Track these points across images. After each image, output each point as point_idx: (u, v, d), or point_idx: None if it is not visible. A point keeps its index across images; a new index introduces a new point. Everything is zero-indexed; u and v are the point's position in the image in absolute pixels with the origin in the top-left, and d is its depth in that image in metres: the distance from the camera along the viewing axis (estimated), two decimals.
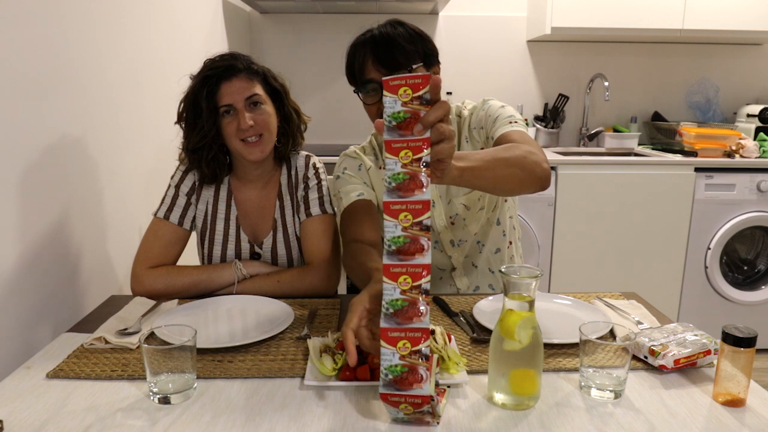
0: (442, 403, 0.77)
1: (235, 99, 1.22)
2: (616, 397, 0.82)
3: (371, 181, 1.34)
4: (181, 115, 1.27)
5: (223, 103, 1.22)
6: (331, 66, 3.18)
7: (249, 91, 1.23)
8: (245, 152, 1.25)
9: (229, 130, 1.24)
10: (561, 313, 1.10)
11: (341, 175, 1.33)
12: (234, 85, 1.22)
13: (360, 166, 1.35)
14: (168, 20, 1.95)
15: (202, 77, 1.23)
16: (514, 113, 1.27)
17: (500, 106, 1.28)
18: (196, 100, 1.23)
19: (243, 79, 1.23)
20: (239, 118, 1.22)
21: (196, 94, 1.23)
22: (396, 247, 0.72)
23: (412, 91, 0.72)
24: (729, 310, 2.74)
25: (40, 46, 1.19)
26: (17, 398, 0.82)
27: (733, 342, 0.78)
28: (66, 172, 1.30)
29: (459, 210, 1.35)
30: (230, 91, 1.22)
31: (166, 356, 0.81)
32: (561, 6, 2.74)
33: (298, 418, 0.77)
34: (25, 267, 1.14)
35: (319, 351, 0.89)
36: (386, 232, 0.73)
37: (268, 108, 1.27)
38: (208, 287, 1.24)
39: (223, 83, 1.22)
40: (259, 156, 1.26)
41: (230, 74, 1.23)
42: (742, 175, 2.62)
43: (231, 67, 1.23)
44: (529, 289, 0.77)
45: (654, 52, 3.16)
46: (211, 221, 1.33)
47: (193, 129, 1.25)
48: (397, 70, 1.15)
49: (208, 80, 1.22)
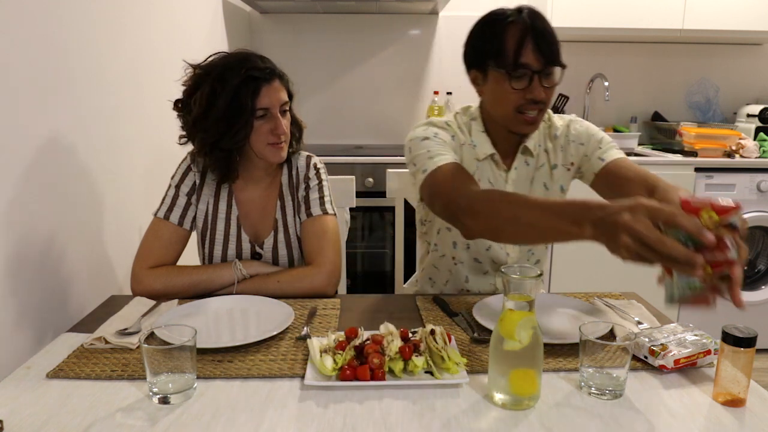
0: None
1: (273, 103, 1.23)
2: (616, 397, 0.82)
3: (462, 157, 1.28)
4: (207, 111, 1.20)
5: (262, 105, 1.22)
6: (331, 66, 3.19)
7: (284, 97, 1.26)
8: (271, 154, 1.26)
9: (260, 133, 1.24)
10: (561, 313, 1.10)
11: (432, 137, 1.24)
12: (273, 89, 1.23)
13: (454, 136, 1.29)
14: (168, 20, 1.95)
15: (246, 76, 1.20)
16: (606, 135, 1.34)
17: (592, 127, 1.35)
18: (239, 99, 1.19)
19: (279, 83, 1.25)
20: (276, 123, 1.23)
21: (239, 92, 1.19)
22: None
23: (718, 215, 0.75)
24: (729, 310, 2.73)
25: (39, 46, 1.19)
26: (17, 398, 0.82)
27: (733, 342, 0.78)
28: (65, 172, 1.30)
29: None
30: (269, 95, 1.22)
31: (166, 356, 0.81)
32: (561, 6, 2.74)
33: (298, 418, 0.77)
34: (25, 267, 1.14)
35: (319, 351, 0.89)
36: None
37: (290, 114, 1.30)
38: (208, 287, 1.24)
39: (264, 86, 1.22)
40: (280, 159, 1.28)
41: (271, 78, 1.23)
42: (742, 175, 2.62)
43: (272, 71, 1.24)
44: (529, 289, 0.77)
45: (654, 52, 3.16)
46: (212, 221, 1.33)
47: (231, 128, 1.21)
48: (553, 63, 1.16)
49: (253, 81, 1.20)
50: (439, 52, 3.16)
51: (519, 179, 1.32)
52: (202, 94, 1.21)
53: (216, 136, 1.22)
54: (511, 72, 1.16)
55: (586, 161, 1.33)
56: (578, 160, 1.34)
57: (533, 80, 1.16)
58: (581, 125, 1.35)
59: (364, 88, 3.21)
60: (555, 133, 1.34)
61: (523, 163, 1.32)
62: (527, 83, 1.16)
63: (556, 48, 1.17)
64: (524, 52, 1.14)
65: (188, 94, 1.24)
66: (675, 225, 0.74)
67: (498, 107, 1.23)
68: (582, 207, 0.86)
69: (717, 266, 0.74)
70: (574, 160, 1.34)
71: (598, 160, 1.30)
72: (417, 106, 3.23)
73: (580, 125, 1.35)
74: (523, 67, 1.15)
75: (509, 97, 1.18)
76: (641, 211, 0.77)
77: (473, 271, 1.39)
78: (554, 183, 1.35)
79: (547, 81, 1.18)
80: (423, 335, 0.92)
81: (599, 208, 0.83)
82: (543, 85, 1.17)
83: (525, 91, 1.16)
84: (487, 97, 1.26)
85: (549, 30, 1.17)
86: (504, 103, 1.19)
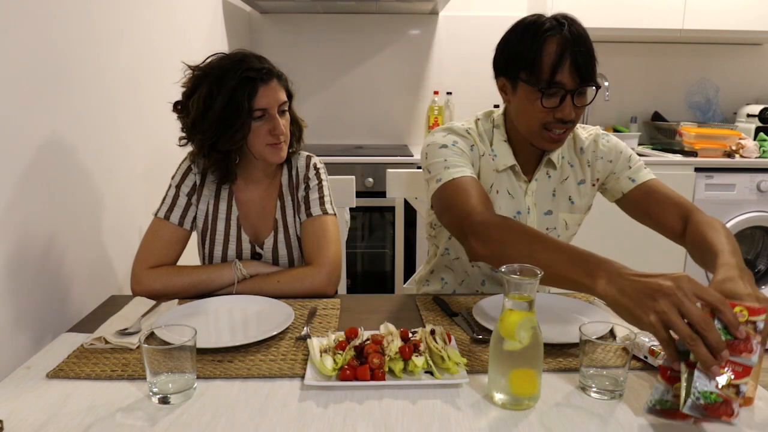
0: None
1: (271, 104, 1.23)
2: (616, 397, 0.82)
3: (480, 168, 1.26)
4: (212, 113, 1.20)
5: (260, 106, 1.21)
6: (331, 66, 3.19)
7: (282, 97, 1.25)
8: (270, 155, 1.26)
9: (258, 133, 1.23)
10: (561, 313, 1.10)
11: (451, 146, 1.22)
12: (270, 90, 1.22)
13: (473, 146, 1.26)
14: (168, 20, 1.95)
15: (242, 78, 1.19)
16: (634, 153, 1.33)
17: (621, 143, 1.33)
18: (235, 100, 1.19)
19: (277, 84, 1.25)
20: (274, 124, 1.23)
21: (235, 93, 1.19)
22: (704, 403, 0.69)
23: (748, 314, 0.73)
24: None
25: (38, 46, 1.19)
26: (17, 398, 0.82)
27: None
28: (65, 172, 1.30)
29: (560, 225, 1.32)
30: (267, 95, 1.22)
31: (166, 356, 0.81)
32: (561, 6, 2.74)
33: (298, 418, 0.77)
34: (25, 267, 1.14)
35: (319, 351, 0.89)
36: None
37: (288, 114, 1.30)
38: (208, 287, 1.24)
39: (261, 86, 1.21)
40: (279, 159, 1.28)
41: (268, 78, 1.23)
42: (742, 175, 2.62)
43: (270, 71, 1.24)
44: (529, 289, 0.77)
45: (654, 52, 3.16)
46: (212, 221, 1.33)
47: (228, 129, 1.21)
48: (588, 82, 1.12)
49: (249, 82, 1.20)
50: (439, 52, 3.16)
51: (540, 191, 1.30)
52: (199, 96, 1.21)
53: (214, 137, 1.22)
54: (544, 90, 1.11)
55: (613, 179, 1.31)
56: (604, 177, 1.33)
57: (565, 99, 1.12)
58: (609, 141, 1.33)
59: (364, 88, 3.21)
60: (581, 146, 1.31)
61: (545, 175, 1.30)
62: (558, 102, 1.12)
63: (593, 67, 1.12)
64: (561, 70, 1.09)
65: (187, 96, 1.24)
66: (720, 312, 0.72)
67: (524, 121, 1.19)
68: (597, 261, 0.86)
69: (738, 374, 0.71)
70: (600, 176, 1.33)
71: (629, 180, 1.29)
72: (417, 106, 3.23)
73: (608, 140, 1.33)
74: (557, 85, 1.11)
75: (537, 115, 1.14)
76: (686, 284, 0.74)
77: (490, 278, 1.38)
78: (581, 198, 1.33)
79: (579, 101, 1.14)
80: (423, 335, 0.92)
81: (619, 269, 0.82)
82: (575, 105, 1.13)
83: (555, 110, 1.13)
84: (513, 107, 1.21)
85: (588, 47, 1.12)
86: (531, 118, 1.16)
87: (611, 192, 1.34)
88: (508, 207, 1.28)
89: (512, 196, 1.28)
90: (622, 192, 1.30)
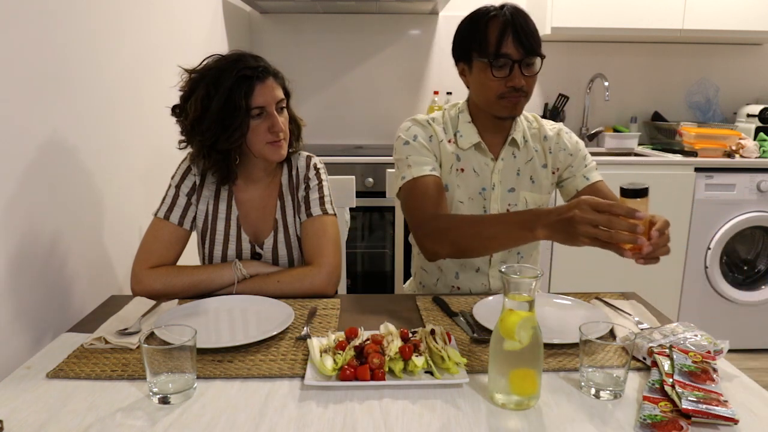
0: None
1: (268, 101, 1.23)
2: (616, 397, 0.82)
3: (440, 155, 1.35)
4: (203, 114, 1.21)
5: (257, 104, 1.22)
6: (331, 66, 3.19)
7: (279, 95, 1.26)
8: (271, 153, 1.26)
9: (257, 132, 1.23)
10: (561, 313, 1.10)
11: (412, 142, 1.33)
12: (267, 88, 1.23)
13: (431, 137, 1.35)
14: (168, 20, 1.95)
15: (238, 76, 1.20)
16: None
17: (580, 141, 1.44)
18: (232, 100, 1.19)
19: (273, 82, 1.25)
20: (272, 121, 1.23)
21: (232, 93, 1.19)
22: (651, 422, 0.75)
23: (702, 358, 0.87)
24: (729, 310, 2.75)
25: (38, 46, 1.19)
26: (17, 398, 0.82)
27: (632, 194, 0.92)
28: (65, 172, 1.30)
29: (520, 202, 1.39)
30: (263, 93, 1.22)
31: (166, 356, 0.81)
32: (561, 6, 2.74)
33: (298, 418, 0.77)
34: (25, 267, 1.14)
35: (319, 351, 0.89)
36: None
37: (287, 112, 1.30)
38: (208, 287, 1.24)
39: (257, 84, 1.22)
40: (279, 157, 1.28)
41: (264, 76, 1.23)
42: (742, 175, 2.62)
43: (265, 69, 1.24)
44: (529, 289, 0.77)
45: (654, 52, 3.16)
46: (212, 221, 1.33)
47: (226, 129, 1.21)
48: (533, 53, 1.24)
49: (245, 80, 1.20)
50: (439, 52, 3.16)
51: (506, 169, 1.38)
52: (197, 98, 1.21)
53: (212, 138, 1.22)
54: (493, 61, 1.23)
55: (569, 174, 1.40)
56: (563, 168, 1.42)
57: (514, 69, 1.23)
58: (571, 137, 1.43)
59: (364, 88, 3.21)
60: (546, 134, 1.41)
61: (510, 155, 1.38)
62: (508, 72, 1.23)
63: (536, 40, 1.24)
64: (505, 43, 1.22)
65: (184, 99, 1.25)
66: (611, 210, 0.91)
67: (482, 95, 1.30)
68: (532, 214, 1.07)
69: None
70: (560, 166, 1.42)
71: (584, 178, 1.39)
72: (417, 106, 3.23)
73: (570, 136, 1.43)
74: (504, 56, 1.22)
75: (492, 85, 1.25)
76: (584, 205, 0.94)
77: (463, 268, 1.42)
78: (541, 180, 1.40)
79: (528, 70, 1.25)
80: (423, 335, 0.92)
81: (547, 213, 1.01)
82: (524, 74, 1.24)
83: (506, 79, 1.24)
84: (472, 86, 1.33)
85: (529, 23, 1.25)
86: (487, 89, 1.26)
87: (567, 189, 1.42)
88: (474, 184, 1.37)
89: (478, 174, 1.36)
90: (577, 189, 1.39)
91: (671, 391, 0.80)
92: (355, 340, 0.90)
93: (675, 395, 0.78)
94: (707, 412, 0.74)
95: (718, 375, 0.85)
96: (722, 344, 0.92)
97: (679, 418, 0.75)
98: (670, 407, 0.77)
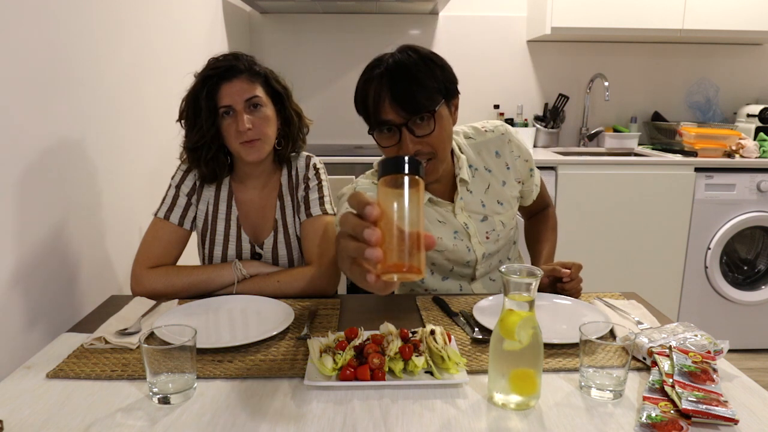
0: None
1: (235, 100, 1.22)
2: (616, 397, 0.82)
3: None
4: (182, 113, 1.28)
5: (223, 104, 1.22)
6: (331, 66, 3.19)
7: (249, 92, 1.23)
8: (243, 153, 1.25)
9: (228, 132, 1.24)
10: (561, 313, 1.10)
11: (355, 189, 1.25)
12: (234, 86, 1.22)
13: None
14: (168, 20, 1.95)
15: (203, 77, 1.23)
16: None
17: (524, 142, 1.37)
18: (196, 100, 1.23)
19: (244, 80, 1.23)
20: (238, 120, 1.22)
21: (197, 93, 1.23)
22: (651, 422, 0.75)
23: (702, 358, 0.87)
24: (729, 310, 2.75)
25: (39, 46, 1.19)
26: (17, 398, 0.82)
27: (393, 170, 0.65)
28: (66, 173, 1.30)
29: (497, 226, 1.32)
30: (230, 92, 1.22)
31: (166, 356, 0.81)
32: (561, 6, 2.74)
33: (298, 418, 0.77)
34: (25, 267, 1.14)
35: (319, 351, 0.89)
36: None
37: (268, 110, 1.26)
38: (208, 287, 1.24)
39: (223, 84, 1.22)
40: (256, 157, 1.26)
41: (231, 75, 1.23)
42: (742, 175, 2.62)
43: (232, 68, 1.23)
44: (529, 289, 0.77)
45: (654, 52, 3.16)
46: (212, 221, 1.33)
47: (193, 128, 1.25)
48: (418, 112, 1.07)
49: (209, 80, 1.22)
50: (439, 52, 3.13)
51: (468, 206, 1.29)
52: (181, 101, 1.28)
53: (190, 139, 1.27)
54: (377, 131, 1.11)
55: (527, 180, 1.37)
56: (523, 177, 1.36)
57: (402, 134, 1.08)
58: (518, 139, 1.34)
59: None
60: (496, 150, 1.31)
61: (466, 192, 1.29)
62: (398, 139, 1.09)
63: (416, 97, 1.06)
64: (383, 108, 1.07)
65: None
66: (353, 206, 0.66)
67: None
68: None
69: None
70: (521, 177, 1.35)
71: (535, 186, 1.39)
72: None
73: (518, 140, 1.34)
74: (386, 123, 1.08)
75: (389, 153, 1.12)
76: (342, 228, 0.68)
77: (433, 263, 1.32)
78: (507, 198, 1.33)
79: (420, 131, 1.09)
80: (423, 335, 0.92)
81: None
82: (416, 136, 1.08)
83: (398, 147, 1.09)
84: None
85: (411, 76, 1.06)
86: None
87: (526, 199, 1.42)
88: (444, 231, 1.28)
89: (444, 222, 1.28)
90: (533, 200, 1.41)
91: (671, 391, 0.80)
92: (355, 340, 0.90)
93: (675, 395, 0.78)
94: (707, 413, 0.74)
95: (718, 375, 0.85)
96: (722, 344, 0.92)
97: (679, 418, 0.75)
98: (670, 407, 0.77)
